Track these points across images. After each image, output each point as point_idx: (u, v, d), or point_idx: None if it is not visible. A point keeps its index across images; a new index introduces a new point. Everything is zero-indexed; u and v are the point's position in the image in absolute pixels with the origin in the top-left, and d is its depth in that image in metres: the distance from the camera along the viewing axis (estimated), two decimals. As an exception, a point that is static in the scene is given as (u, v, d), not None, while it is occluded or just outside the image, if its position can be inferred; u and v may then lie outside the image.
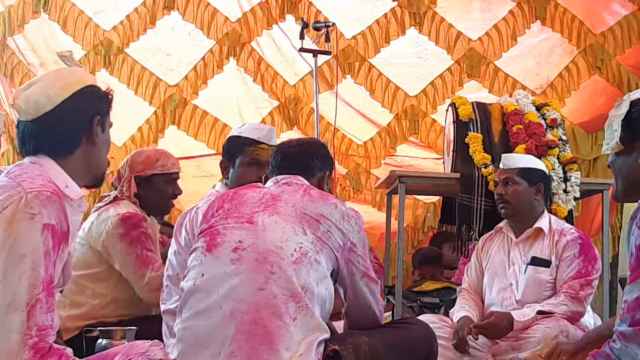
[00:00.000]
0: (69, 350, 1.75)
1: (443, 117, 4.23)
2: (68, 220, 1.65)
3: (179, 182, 3.12)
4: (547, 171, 3.33)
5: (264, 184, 2.27)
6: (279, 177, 2.19)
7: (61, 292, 1.85)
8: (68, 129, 1.74)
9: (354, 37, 5.08)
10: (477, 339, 2.88)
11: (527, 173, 3.18)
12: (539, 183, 3.17)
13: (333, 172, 2.44)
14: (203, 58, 4.96)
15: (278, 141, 2.44)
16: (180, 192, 3.08)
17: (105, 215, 2.89)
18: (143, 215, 2.93)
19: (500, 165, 3.28)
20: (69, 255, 1.75)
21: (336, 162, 4.91)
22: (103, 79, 4.56)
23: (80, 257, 2.86)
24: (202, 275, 1.99)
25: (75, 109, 1.75)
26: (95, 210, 2.99)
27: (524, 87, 5.03)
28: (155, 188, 3.00)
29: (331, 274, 2.07)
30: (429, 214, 5.12)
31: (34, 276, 1.55)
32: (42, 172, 1.69)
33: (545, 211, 3.20)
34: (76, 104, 1.75)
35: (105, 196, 3.03)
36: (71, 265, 1.81)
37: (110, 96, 1.84)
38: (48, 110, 1.72)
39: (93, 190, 3.58)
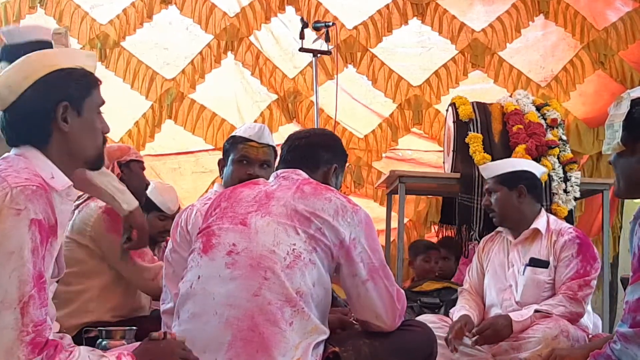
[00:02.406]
0: (67, 338, 1.76)
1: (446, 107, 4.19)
2: (55, 213, 1.62)
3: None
4: (531, 170, 3.23)
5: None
6: (279, 171, 2.16)
7: (57, 282, 1.84)
8: (32, 119, 1.68)
9: (355, 28, 5.00)
10: (476, 343, 2.86)
11: (504, 178, 3.15)
12: (520, 185, 3.13)
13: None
14: (201, 52, 4.87)
15: (277, 135, 2.42)
16: (149, 182, 3.14)
17: (87, 209, 2.88)
18: None
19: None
20: (60, 246, 1.73)
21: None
22: (99, 73, 4.49)
23: (67, 255, 2.83)
24: (198, 277, 1.99)
25: (37, 99, 1.67)
26: (74, 208, 2.97)
27: (528, 80, 5.01)
28: (134, 173, 3.04)
29: (335, 268, 2.03)
30: None
31: (24, 273, 1.53)
32: (27, 164, 1.66)
33: (543, 211, 3.18)
34: (37, 93, 1.67)
35: (81, 195, 3.02)
36: (63, 256, 1.79)
37: (88, 76, 1.76)
38: (12, 101, 1.68)
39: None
